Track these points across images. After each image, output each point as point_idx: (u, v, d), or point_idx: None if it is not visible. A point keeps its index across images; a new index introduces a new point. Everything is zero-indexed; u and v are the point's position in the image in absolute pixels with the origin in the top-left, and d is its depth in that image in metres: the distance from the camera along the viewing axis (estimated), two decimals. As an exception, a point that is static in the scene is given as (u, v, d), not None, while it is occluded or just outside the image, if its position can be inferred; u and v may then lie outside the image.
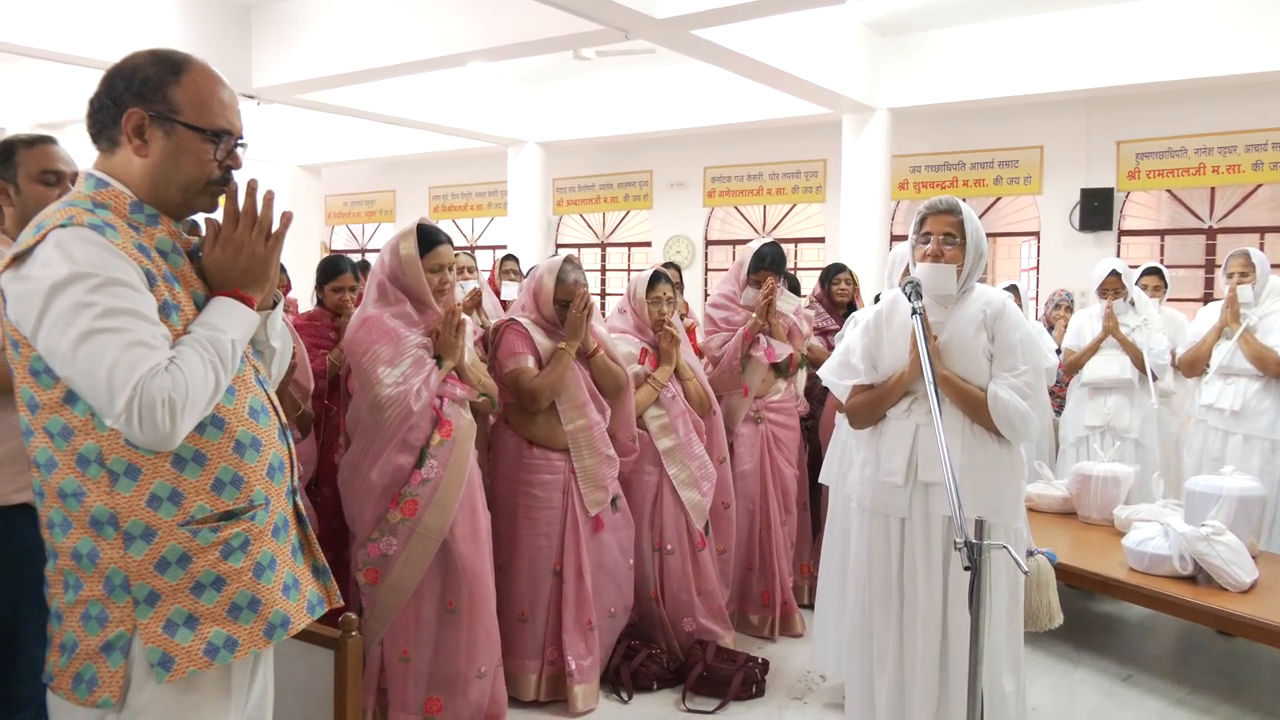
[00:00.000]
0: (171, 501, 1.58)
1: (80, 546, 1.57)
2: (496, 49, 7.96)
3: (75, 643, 1.59)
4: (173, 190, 1.67)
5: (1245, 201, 9.26)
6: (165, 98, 1.64)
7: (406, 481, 3.01)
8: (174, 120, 1.64)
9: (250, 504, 1.66)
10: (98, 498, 1.56)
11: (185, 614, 1.59)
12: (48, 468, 1.59)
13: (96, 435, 1.55)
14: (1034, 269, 10.28)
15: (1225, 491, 3.93)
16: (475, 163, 13.49)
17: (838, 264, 5.44)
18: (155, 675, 1.56)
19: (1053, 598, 3.35)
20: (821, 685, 3.81)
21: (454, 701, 3.10)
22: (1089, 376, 5.08)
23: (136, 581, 1.57)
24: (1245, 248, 4.70)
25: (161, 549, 1.57)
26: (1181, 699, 3.78)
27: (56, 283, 1.49)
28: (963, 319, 2.75)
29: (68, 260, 1.50)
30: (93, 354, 1.47)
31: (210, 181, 1.69)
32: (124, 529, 1.56)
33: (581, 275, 3.66)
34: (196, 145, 1.66)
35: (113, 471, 1.56)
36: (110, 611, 1.57)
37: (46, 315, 1.49)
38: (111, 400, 1.48)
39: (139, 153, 1.65)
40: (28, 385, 1.58)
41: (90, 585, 1.58)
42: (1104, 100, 9.10)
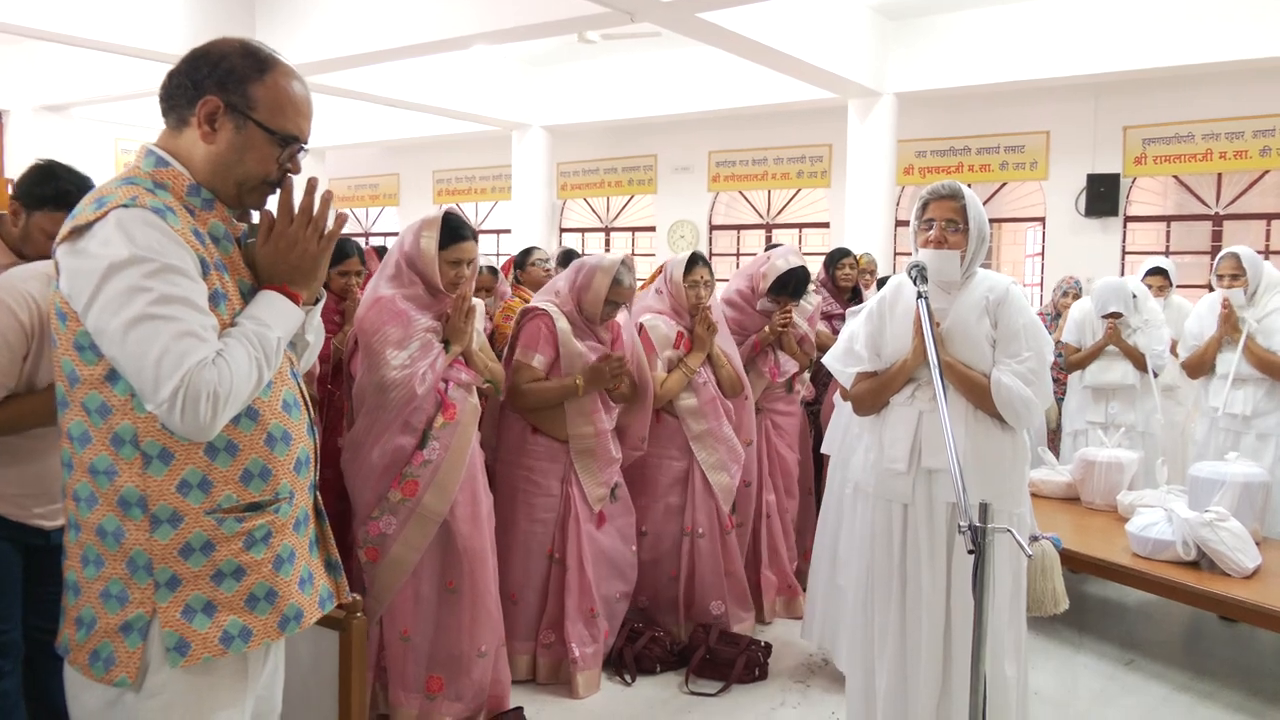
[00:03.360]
0: (201, 489, 1.59)
1: (105, 524, 1.58)
2: (501, 32, 7.94)
3: (94, 619, 1.60)
4: (229, 182, 1.67)
5: (1252, 188, 9.23)
6: (245, 92, 1.64)
7: (408, 462, 3.02)
8: (248, 116, 1.64)
9: (275, 497, 1.67)
10: (129, 478, 1.56)
11: (204, 600, 1.59)
12: (81, 441, 1.59)
13: (134, 416, 1.55)
14: (1039, 255, 10.27)
15: (1229, 478, 3.93)
16: (479, 146, 13.46)
17: (842, 249, 5.44)
18: (170, 659, 1.57)
19: (1058, 582, 3.36)
20: (824, 669, 3.83)
21: (455, 680, 3.12)
22: (1091, 380, 5.10)
23: (159, 565, 1.57)
24: (1234, 249, 4.62)
25: (187, 535, 1.58)
26: (1184, 684, 3.79)
27: (115, 263, 1.49)
28: (966, 305, 2.74)
29: (128, 242, 1.50)
30: (143, 339, 1.48)
31: (266, 181, 1.69)
32: (152, 512, 1.56)
33: (634, 280, 3.64)
34: (263, 145, 1.66)
35: (146, 454, 1.56)
36: (131, 592, 1.58)
37: (100, 294, 1.49)
38: (157, 387, 1.48)
39: (206, 139, 1.65)
40: (70, 358, 1.58)
41: (112, 564, 1.58)
42: (1111, 85, 9.06)
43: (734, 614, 3.98)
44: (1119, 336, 4.99)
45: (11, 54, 11.10)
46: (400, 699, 3.12)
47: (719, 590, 3.93)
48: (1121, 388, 4.99)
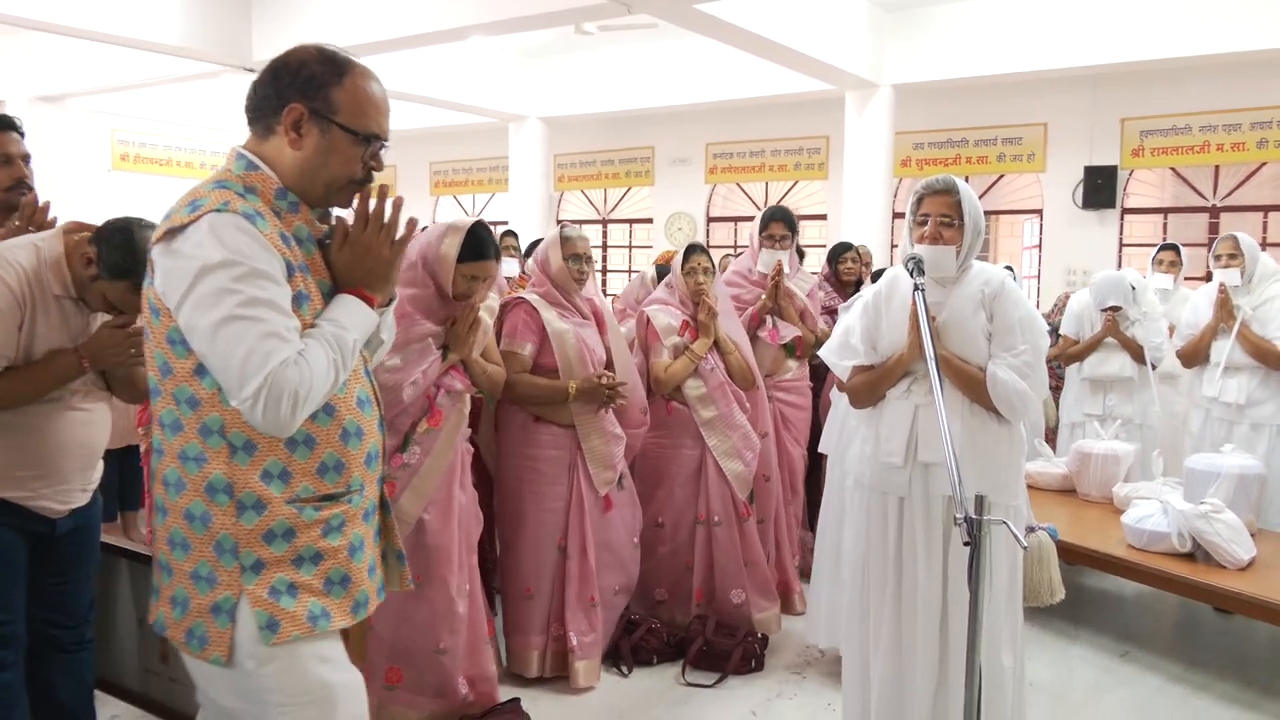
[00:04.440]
0: (281, 479, 1.68)
1: (193, 508, 1.67)
2: (498, 23, 7.92)
3: (187, 599, 1.70)
4: (317, 184, 1.75)
5: (1249, 180, 9.23)
6: (326, 97, 1.71)
7: (386, 464, 3.00)
8: (331, 120, 1.71)
9: (348, 489, 1.76)
10: (217, 466, 1.65)
11: (288, 582, 1.69)
12: (172, 429, 1.68)
13: (221, 409, 1.64)
14: (1036, 247, 10.27)
15: (1224, 470, 3.94)
16: (476, 138, 13.44)
17: (845, 243, 5.43)
18: (263, 637, 1.66)
19: (1054, 573, 3.37)
20: (820, 660, 3.84)
21: (413, 673, 3.10)
22: (1089, 373, 5.09)
23: (245, 549, 1.66)
24: (1234, 232, 4.66)
25: (270, 522, 1.67)
26: (1178, 675, 3.80)
27: (207, 265, 1.58)
28: (961, 298, 2.74)
29: (220, 245, 1.58)
30: (231, 339, 1.57)
31: (352, 180, 1.76)
32: (238, 498, 1.65)
33: (579, 231, 3.68)
34: (348, 146, 1.73)
35: (232, 444, 1.65)
36: (219, 574, 1.67)
37: (192, 294, 1.58)
38: (242, 385, 1.57)
39: (293, 145, 1.72)
40: (163, 351, 1.67)
41: (199, 547, 1.67)
42: (1108, 77, 9.05)
43: (755, 603, 3.97)
44: (1117, 329, 4.99)
45: (6, 44, 11.05)
46: None
47: (739, 579, 3.94)
48: (1120, 380, 5.00)
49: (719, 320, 3.97)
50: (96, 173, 12.23)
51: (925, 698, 2.74)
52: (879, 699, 2.83)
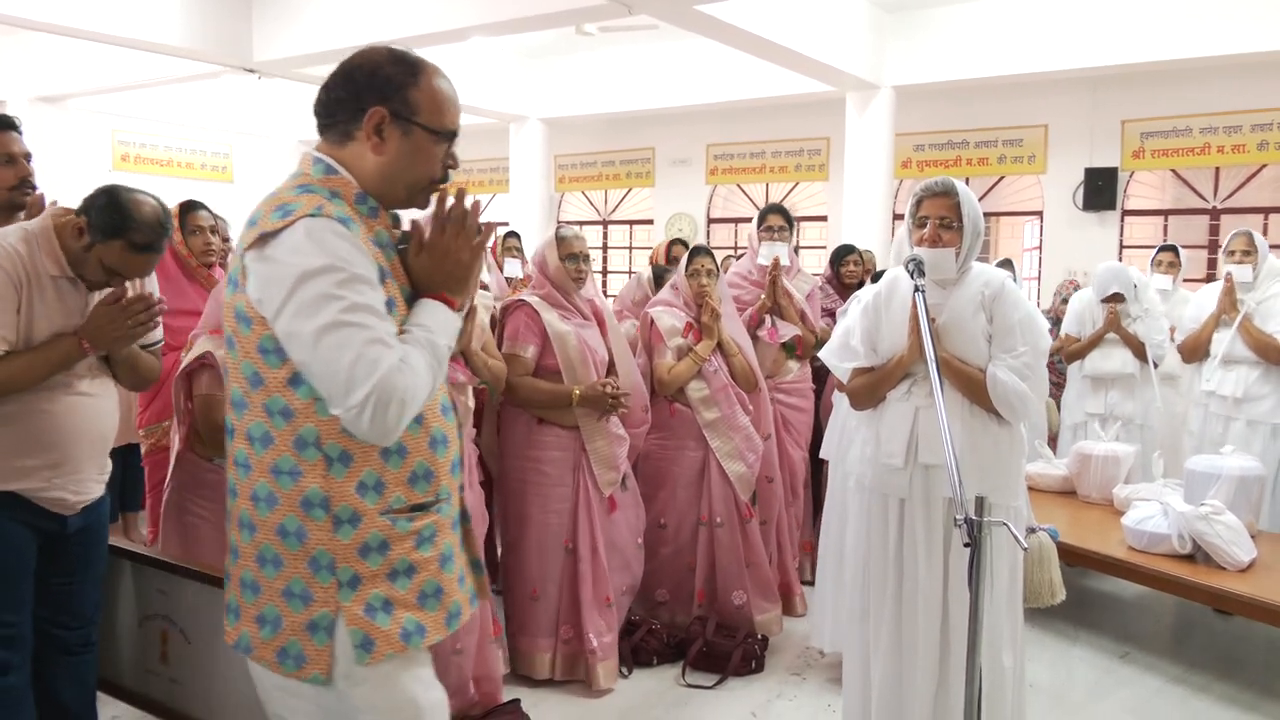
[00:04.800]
0: (375, 490, 1.63)
1: (287, 524, 1.62)
2: (499, 23, 7.93)
3: (279, 617, 1.65)
4: (400, 187, 1.71)
5: (1250, 182, 9.23)
6: (405, 98, 1.67)
7: None
8: (412, 121, 1.68)
9: (437, 497, 1.72)
10: (313, 480, 1.61)
11: (383, 599, 1.64)
12: (262, 443, 1.63)
13: (316, 420, 1.60)
14: (1037, 249, 10.27)
15: (1225, 471, 3.94)
16: (477, 138, 13.42)
17: (847, 245, 5.42)
18: (357, 656, 1.62)
19: (1055, 574, 3.37)
20: (820, 661, 3.84)
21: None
22: (1090, 369, 5.07)
23: (341, 564, 1.62)
24: (1248, 228, 4.67)
25: (365, 535, 1.63)
26: (1179, 676, 3.80)
27: (307, 271, 1.53)
28: (961, 300, 2.74)
29: (319, 251, 1.54)
30: (336, 346, 1.52)
31: (433, 180, 1.74)
32: (334, 512, 1.61)
33: (575, 231, 3.69)
34: (429, 146, 1.71)
35: (328, 456, 1.61)
36: (314, 591, 1.63)
37: (292, 300, 1.54)
38: (349, 392, 1.52)
39: (376, 150, 1.68)
40: (252, 361, 1.62)
41: (293, 563, 1.63)
42: (1109, 79, 9.05)
43: (756, 604, 3.97)
44: (1119, 323, 4.98)
45: (7, 45, 11.06)
46: None
47: (740, 580, 3.94)
48: (1121, 376, 4.98)
49: (722, 322, 3.97)
50: (97, 173, 12.22)
51: (926, 699, 2.74)
52: (879, 700, 2.83)
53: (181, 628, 2.79)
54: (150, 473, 3.53)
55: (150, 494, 3.56)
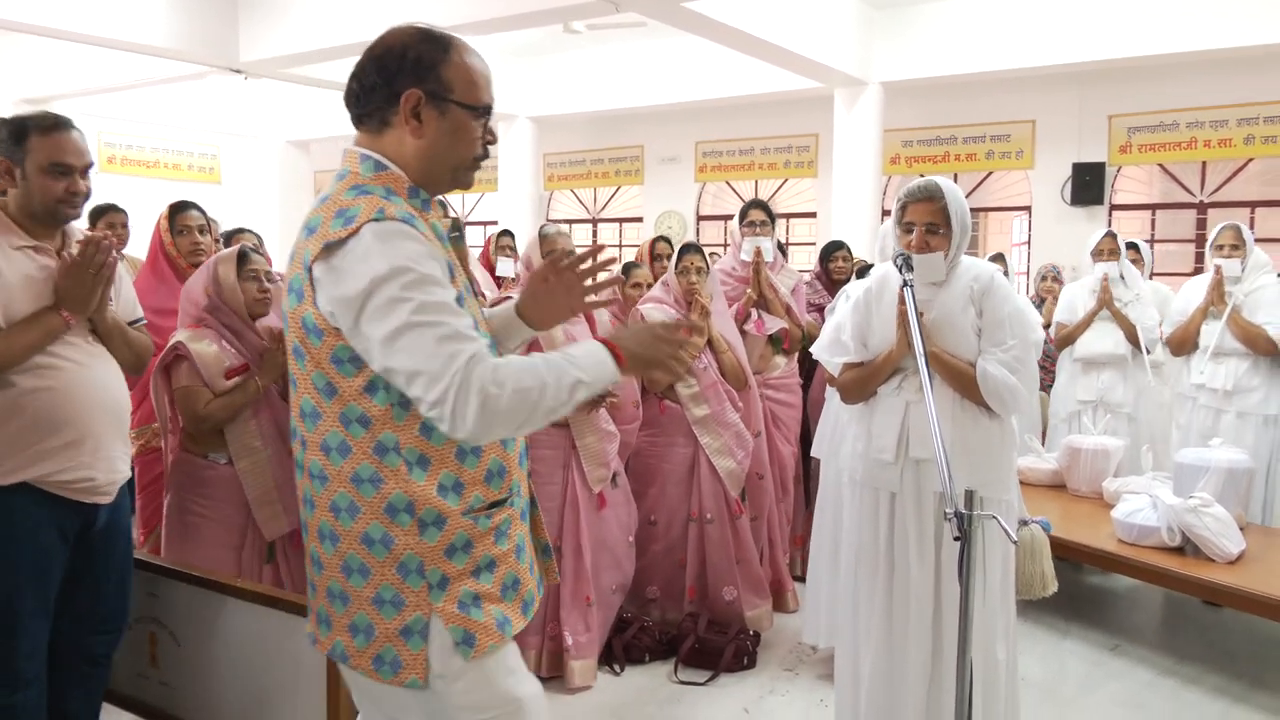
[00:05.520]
0: (455, 491, 1.63)
1: (371, 532, 1.61)
2: (486, 22, 7.91)
3: (371, 625, 1.64)
4: (444, 170, 1.68)
5: (1236, 176, 9.27)
6: (439, 77, 1.63)
7: None
8: (448, 99, 1.64)
9: (510, 491, 1.73)
10: (395, 485, 1.60)
11: (472, 594, 1.65)
12: (340, 453, 1.61)
13: (394, 425, 1.59)
14: (1025, 244, 10.30)
15: (1214, 464, 3.95)
16: (465, 138, 13.41)
17: (836, 241, 5.42)
18: (461, 653, 1.63)
19: (1046, 566, 3.39)
20: (812, 657, 3.85)
21: None
22: (1082, 351, 5.06)
23: (430, 566, 1.62)
24: (1235, 222, 4.69)
25: (451, 536, 1.63)
26: (1169, 668, 3.82)
27: (377, 277, 1.51)
28: (951, 295, 2.74)
29: (387, 255, 1.52)
30: (410, 347, 1.50)
31: (475, 159, 1.71)
32: (419, 516, 1.61)
33: (559, 229, 3.70)
34: (468, 123, 1.67)
35: (408, 461, 1.60)
36: (405, 596, 1.62)
37: (365, 309, 1.51)
38: (428, 389, 1.50)
39: (415, 134, 1.64)
40: (325, 372, 1.60)
41: (380, 570, 1.62)
42: (1096, 74, 9.08)
43: (747, 600, 3.98)
44: (1111, 301, 4.99)
45: (-8, 47, 11.00)
46: None
47: (731, 576, 3.95)
48: (1114, 359, 4.97)
49: (712, 319, 3.97)
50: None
51: (918, 693, 2.75)
52: (870, 694, 2.84)
53: (171, 630, 2.79)
54: (140, 473, 3.51)
55: (140, 495, 3.54)
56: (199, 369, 2.90)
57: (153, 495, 3.39)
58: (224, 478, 2.95)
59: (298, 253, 1.61)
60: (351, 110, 1.69)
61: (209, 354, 2.92)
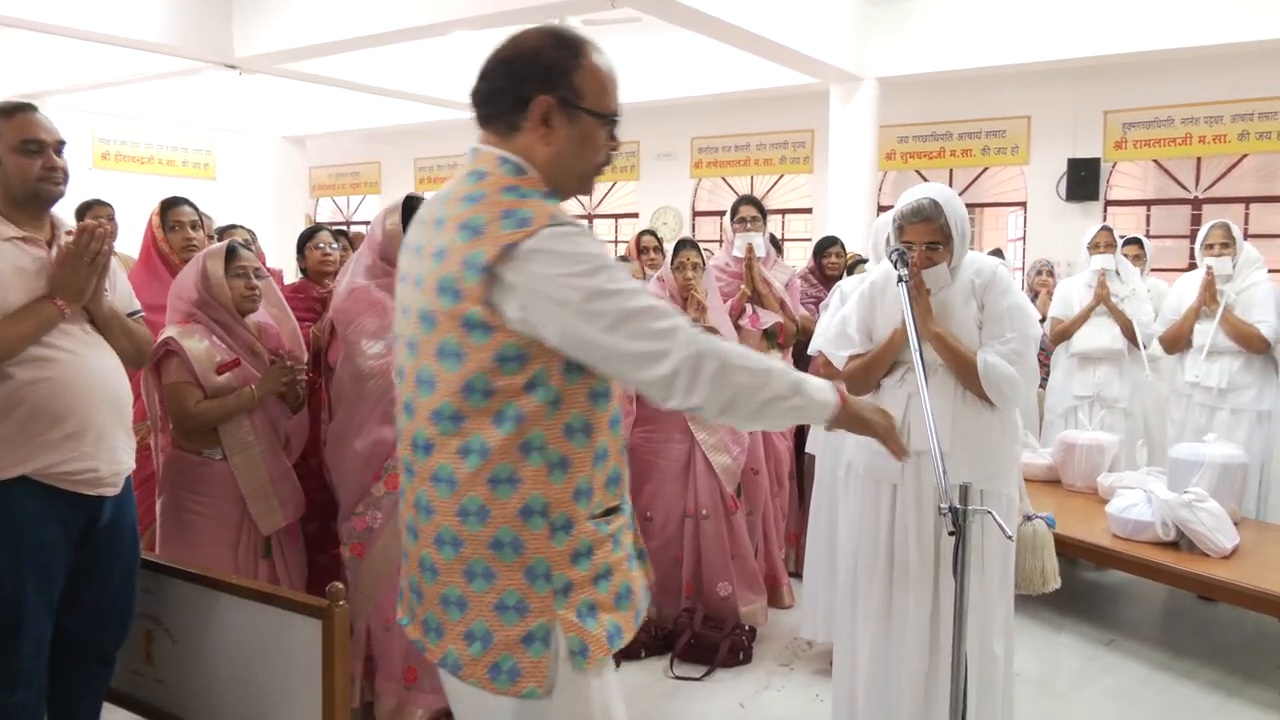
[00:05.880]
0: (586, 496, 1.62)
1: (501, 536, 1.58)
2: (481, 18, 7.89)
3: (489, 633, 1.59)
4: (570, 177, 1.68)
5: (1231, 172, 9.28)
6: (570, 83, 1.62)
7: (390, 454, 3.00)
8: (578, 107, 1.63)
9: (623, 499, 1.73)
10: (534, 487, 1.58)
11: (590, 603, 1.62)
12: (480, 455, 1.57)
13: (544, 424, 1.57)
14: (1021, 239, 10.31)
15: (1208, 459, 3.97)
16: (461, 133, 13.22)
17: (830, 237, 5.43)
18: (575, 663, 1.59)
19: (1049, 562, 3.39)
20: (808, 652, 3.85)
21: (430, 671, 3.08)
22: (1079, 347, 5.05)
23: (557, 571, 1.59)
24: (1225, 220, 4.70)
25: (577, 541, 1.61)
26: (1163, 663, 3.83)
27: (574, 273, 1.51)
28: (953, 289, 2.76)
29: (581, 255, 1.53)
30: (637, 332, 1.52)
31: (599, 166, 1.71)
32: (551, 519, 1.59)
33: None
34: (596, 131, 1.67)
35: (550, 462, 1.58)
36: (530, 602, 1.59)
37: (568, 307, 1.51)
38: (661, 362, 1.52)
39: (545, 140, 1.63)
40: (485, 371, 1.55)
41: (506, 575, 1.59)
42: (1091, 70, 9.08)
43: (742, 596, 3.98)
44: (1108, 296, 4.99)
45: (-15, 42, 10.96)
46: (383, 688, 3.12)
47: (725, 572, 3.95)
48: (1110, 353, 4.97)
49: (708, 315, 3.97)
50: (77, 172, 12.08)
51: (915, 685, 2.76)
52: (868, 686, 2.85)
53: (167, 627, 2.78)
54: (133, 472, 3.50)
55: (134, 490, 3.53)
56: (190, 365, 2.89)
57: (145, 494, 3.38)
58: (218, 474, 2.95)
59: (451, 252, 1.57)
60: (478, 110, 1.68)
61: (199, 350, 2.91)
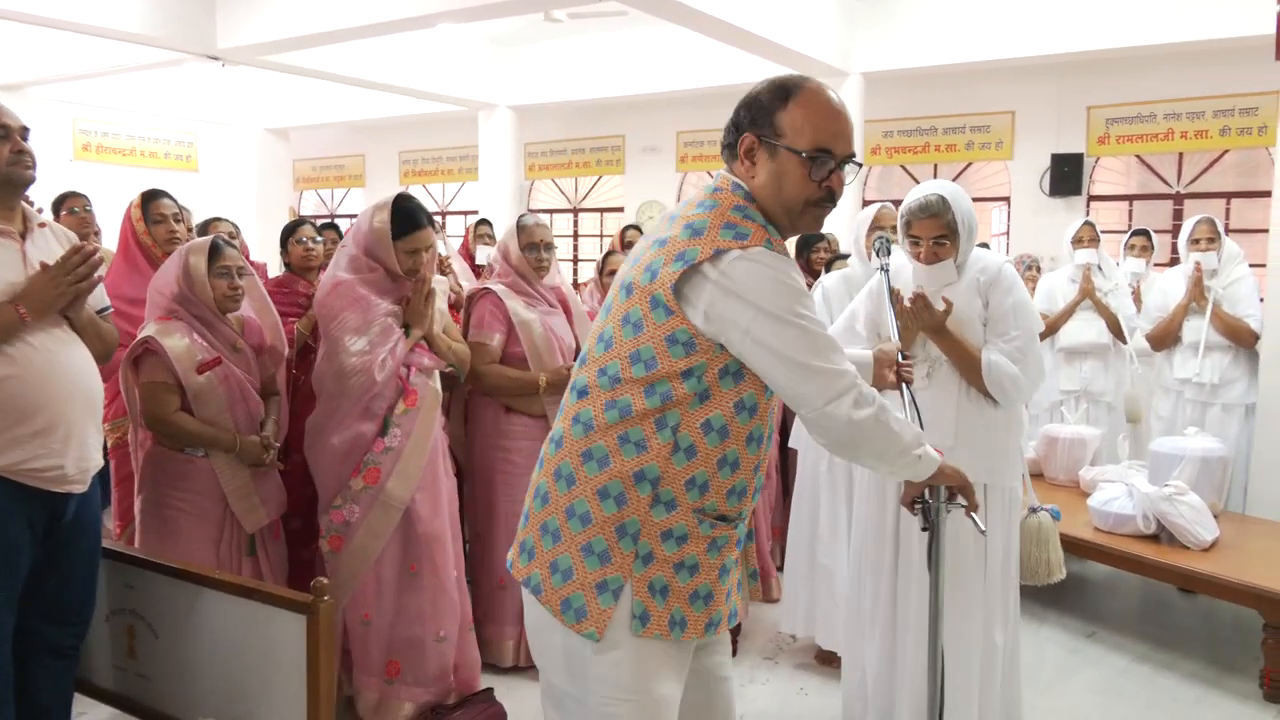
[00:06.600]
0: (700, 489, 1.75)
1: (610, 487, 1.73)
2: (466, 10, 7.85)
3: (570, 569, 1.75)
4: (779, 211, 1.80)
5: (1213, 167, 9.34)
6: (772, 123, 1.78)
7: (369, 449, 2.99)
8: (776, 144, 1.77)
9: (740, 515, 1.84)
10: (654, 459, 1.72)
11: (664, 583, 1.75)
12: (621, 413, 1.74)
13: (686, 410, 1.73)
14: (1004, 234, 10.35)
15: (1188, 452, 4.00)
16: (446, 126, 13.35)
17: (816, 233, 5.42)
18: (633, 626, 1.73)
19: (1054, 553, 3.43)
20: (791, 645, 3.86)
21: (413, 664, 3.10)
22: (1066, 341, 5.08)
23: (644, 538, 1.73)
24: (1209, 215, 4.73)
25: (674, 522, 1.74)
26: (1144, 654, 3.86)
27: (775, 294, 1.69)
28: (959, 287, 2.79)
29: (780, 277, 1.71)
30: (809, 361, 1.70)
31: (810, 203, 1.80)
32: (658, 492, 1.73)
33: (537, 219, 3.67)
34: (796, 167, 1.77)
35: (678, 444, 1.73)
36: (614, 554, 1.73)
37: (765, 317, 1.69)
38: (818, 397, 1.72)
39: (749, 173, 1.80)
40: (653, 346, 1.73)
41: (602, 524, 1.74)
42: (1075, 65, 9.12)
43: None
44: (1093, 291, 5.02)
45: (-36, 32, 10.84)
46: (363, 683, 3.12)
47: None
48: (1097, 348, 5.01)
49: None
50: (58, 163, 12.03)
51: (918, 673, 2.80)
52: (875, 675, 2.91)
53: (150, 622, 2.77)
54: (116, 466, 3.49)
55: (116, 488, 3.52)
56: (169, 364, 2.85)
57: (129, 489, 3.37)
58: (200, 470, 2.92)
59: (671, 243, 1.75)
60: (722, 140, 1.87)
61: (180, 348, 2.87)
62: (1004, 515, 2.79)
